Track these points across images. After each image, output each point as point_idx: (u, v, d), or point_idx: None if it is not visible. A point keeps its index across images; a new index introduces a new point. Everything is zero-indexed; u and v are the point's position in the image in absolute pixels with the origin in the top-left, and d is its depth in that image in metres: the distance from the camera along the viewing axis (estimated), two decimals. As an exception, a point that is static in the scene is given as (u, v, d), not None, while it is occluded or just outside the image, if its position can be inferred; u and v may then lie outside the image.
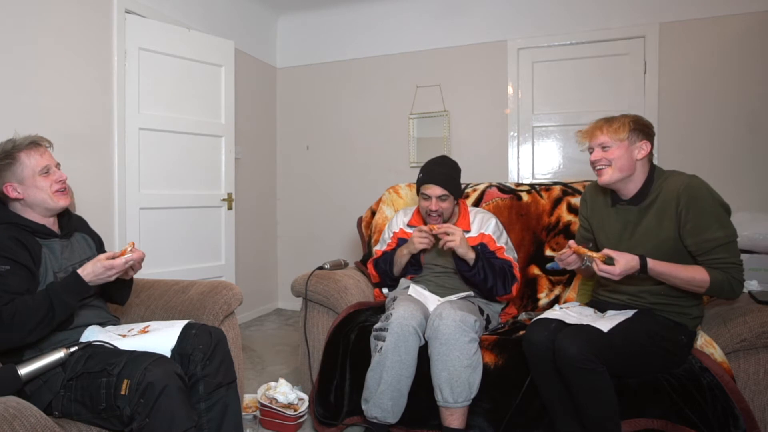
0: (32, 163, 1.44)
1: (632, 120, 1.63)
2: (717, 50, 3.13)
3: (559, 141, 3.53)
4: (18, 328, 1.27)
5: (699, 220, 1.51)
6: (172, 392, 1.23)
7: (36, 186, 1.44)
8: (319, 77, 4.18)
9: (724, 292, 1.52)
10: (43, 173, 1.46)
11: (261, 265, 4.15)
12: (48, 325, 1.33)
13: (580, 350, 1.43)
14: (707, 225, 1.51)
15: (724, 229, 1.50)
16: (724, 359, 1.56)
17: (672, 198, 1.57)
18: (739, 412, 1.46)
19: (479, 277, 1.94)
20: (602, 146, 1.64)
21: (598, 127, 1.65)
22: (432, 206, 2.02)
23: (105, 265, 1.37)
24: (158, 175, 2.94)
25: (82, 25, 2.56)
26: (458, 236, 1.89)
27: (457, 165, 2.13)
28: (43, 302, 1.31)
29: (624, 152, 1.61)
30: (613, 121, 1.64)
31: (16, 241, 1.38)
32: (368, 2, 3.92)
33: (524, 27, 3.54)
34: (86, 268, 1.37)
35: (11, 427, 1.00)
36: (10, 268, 1.33)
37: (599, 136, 1.64)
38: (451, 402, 1.68)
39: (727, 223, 1.52)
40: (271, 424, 2.02)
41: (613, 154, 1.61)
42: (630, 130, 1.61)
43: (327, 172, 4.17)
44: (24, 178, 1.43)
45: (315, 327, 2.18)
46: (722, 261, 1.50)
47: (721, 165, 3.10)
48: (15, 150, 1.44)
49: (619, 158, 1.61)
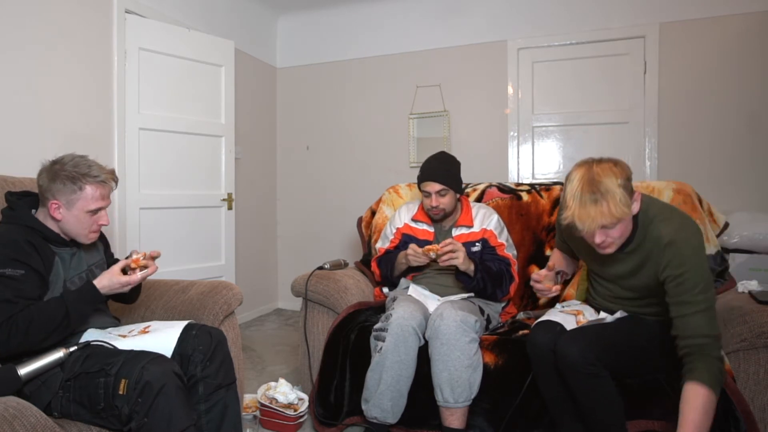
0: (91, 200, 1.43)
1: (624, 180, 1.37)
2: (717, 50, 3.13)
3: (559, 141, 3.53)
4: (34, 335, 1.27)
5: (681, 279, 1.38)
6: (169, 391, 1.22)
7: (78, 219, 1.43)
8: (319, 77, 4.18)
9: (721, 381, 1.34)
10: (92, 213, 1.45)
11: (261, 265, 4.15)
12: (62, 334, 1.33)
13: (582, 354, 1.42)
14: (689, 287, 1.37)
15: (705, 293, 1.36)
16: (724, 359, 1.56)
17: (654, 250, 1.45)
18: (739, 413, 1.45)
19: (479, 287, 1.96)
20: (606, 227, 1.40)
21: (599, 213, 1.35)
22: (432, 202, 2.03)
23: (121, 282, 1.39)
24: (158, 175, 2.94)
25: (82, 25, 2.56)
26: (461, 254, 1.89)
27: (455, 159, 2.14)
28: (58, 310, 1.31)
29: (627, 222, 1.42)
30: (609, 196, 1.34)
31: (31, 246, 1.37)
32: (368, 2, 3.92)
33: (524, 27, 3.54)
34: (102, 280, 1.38)
35: (11, 427, 1.00)
36: (24, 272, 1.32)
37: (605, 220, 1.36)
38: (451, 402, 1.68)
39: (708, 286, 1.37)
40: (271, 424, 2.02)
41: (619, 231, 1.41)
42: (627, 198, 1.37)
43: (327, 172, 4.17)
44: (74, 207, 1.42)
45: (315, 327, 2.18)
46: (699, 334, 1.34)
47: (721, 165, 3.09)
48: (86, 178, 1.42)
49: (626, 228, 1.44)
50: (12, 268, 1.30)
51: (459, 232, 2.10)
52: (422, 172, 2.07)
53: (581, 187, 1.37)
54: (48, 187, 1.41)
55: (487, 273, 1.96)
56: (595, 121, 3.40)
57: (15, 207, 1.45)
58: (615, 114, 3.35)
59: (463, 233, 2.09)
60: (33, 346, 1.29)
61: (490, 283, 1.96)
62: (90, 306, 1.39)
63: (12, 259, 1.31)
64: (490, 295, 2.00)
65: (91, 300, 1.38)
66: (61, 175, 1.40)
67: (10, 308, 1.26)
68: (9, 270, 1.30)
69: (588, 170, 1.39)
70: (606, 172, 1.37)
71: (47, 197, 1.42)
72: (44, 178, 1.42)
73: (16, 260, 1.32)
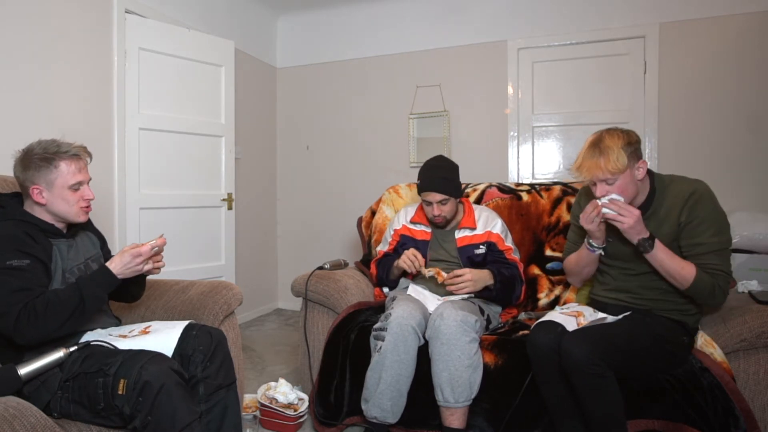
0: (69, 175, 1.44)
1: (625, 144, 1.54)
2: (717, 50, 3.13)
3: (559, 141, 3.53)
4: (52, 320, 1.28)
5: (697, 223, 1.53)
6: (170, 389, 1.23)
7: (63, 198, 1.44)
8: (319, 77, 4.18)
9: (704, 295, 1.53)
10: (74, 188, 1.46)
11: (261, 265, 4.15)
12: (78, 319, 1.34)
13: (587, 354, 1.42)
14: (704, 229, 1.52)
15: (719, 236, 1.51)
16: (724, 359, 1.57)
17: (676, 205, 1.57)
18: (739, 413, 1.46)
19: (498, 296, 1.99)
20: (605, 182, 1.57)
21: (596, 165, 1.54)
22: (434, 211, 2.04)
23: (132, 254, 1.39)
24: (158, 175, 2.94)
25: (82, 25, 2.56)
26: (470, 282, 1.89)
27: (454, 164, 2.13)
28: (73, 294, 1.32)
29: (629, 180, 1.55)
30: (608, 152, 1.52)
31: (30, 237, 1.38)
32: (368, 2, 3.92)
33: (524, 27, 3.54)
34: (114, 261, 1.40)
35: (11, 427, 1.00)
36: (30, 262, 1.34)
37: (600, 173, 1.55)
38: (451, 402, 1.68)
39: (724, 231, 1.52)
40: (271, 424, 2.02)
41: (618, 188, 1.55)
42: (627, 156, 1.53)
43: (327, 172, 4.17)
44: (54, 186, 1.43)
45: (315, 327, 2.18)
46: (711, 266, 1.51)
47: (721, 165, 3.10)
48: (57, 156, 1.43)
49: (625, 188, 1.56)
50: (18, 259, 1.31)
51: (462, 234, 2.10)
52: (421, 181, 2.06)
53: (589, 143, 1.59)
54: (25, 176, 1.43)
55: (503, 282, 1.98)
56: (595, 121, 3.39)
57: (6, 205, 1.46)
58: (615, 114, 3.35)
59: (466, 235, 2.09)
60: (50, 333, 1.29)
61: (507, 290, 1.99)
62: (104, 289, 1.39)
63: (16, 250, 1.32)
64: (506, 301, 2.03)
65: (105, 283, 1.38)
66: (33, 160, 1.42)
67: (24, 296, 1.27)
68: (15, 261, 1.31)
69: (599, 133, 1.60)
70: (611, 135, 1.57)
71: (27, 185, 1.43)
72: (18, 168, 1.44)
73: (19, 251, 1.33)
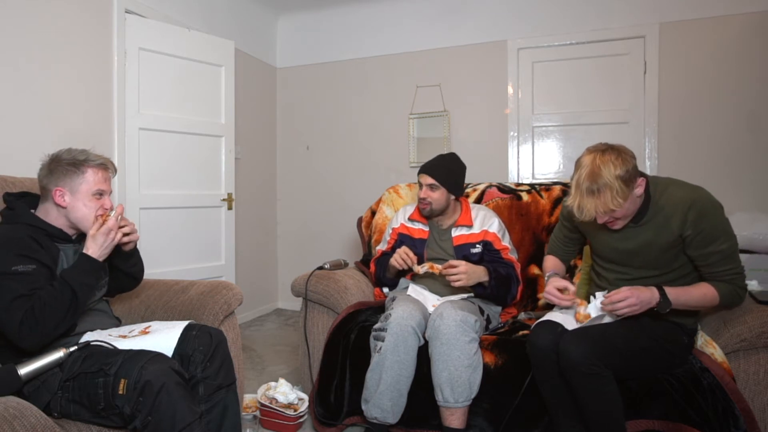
0: (94, 183, 1.46)
1: (622, 172, 1.43)
2: (717, 50, 3.13)
3: (559, 141, 3.53)
4: (50, 321, 1.28)
5: (704, 235, 1.50)
6: (170, 389, 1.23)
7: (84, 204, 1.46)
8: (319, 77, 4.18)
9: (732, 302, 1.56)
10: (96, 195, 1.47)
11: (261, 265, 4.15)
12: (75, 312, 1.34)
13: (585, 354, 1.42)
14: (714, 238, 1.50)
15: (728, 241, 1.51)
16: (724, 359, 1.57)
17: (675, 214, 1.53)
18: (739, 413, 1.46)
19: (493, 294, 1.98)
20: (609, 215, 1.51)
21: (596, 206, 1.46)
22: (421, 194, 2.06)
23: (102, 232, 1.41)
24: (158, 175, 2.94)
25: (82, 25, 2.56)
26: (464, 275, 1.88)
27: (462, 164, 2.14)
28: (63, 289, 1.32)
29: (630, 203, 1.49)
30: (606, 190, 1.43)
31: (35, 242, 1.38)
32: (368, 2, 3.92)
33: (524, 27, 3.54)
34: (89, 247, 1.41)
35: (11, 427, 1.00)
36: (35, 267, 1.33)
37: (602, 213, 1.48)
38: (451, 402, 1.68)
39: (730, 235, 1.52)
40: (271, 424, 2.02)
41: (621, 212, 1.50)
42: (626, 183, 1.44)
43: (327, 172, 4.17)
44: (78, 192, 1.45)
45: (315, 327, 2.18)
46: (727, 272, 1.52)
47: (721, 165, 3.10)
48: (85, 163, 1.46)
49: (627, 211, 1.52)
50: (23, 264, 1.31)
51: (459, 232, 2.10)
52: (424, 164, 2.11)
53: (584, 176, 1.47)
54: (49, 179, 1.45)
55: (498, 280, 1.97)
56: (595, 121, 3.40)
57: (14, 207, 1.46)
58: (615, 114, 3.36)
59: (463, 233, 2.09)
60: (50, 333, 1.30)
61: (502, 288, 1.98)
62: (91, 276, 1.39)
63: (21, 255, 1.32)
64: (501, 300, 2.02)
65: (90, 269, 1.39)
66: (62, 163, 1.45)
67: (27, 302, 1.27)
68: (21, 266, 1.30)
69: (593, 161, 1.47)
70: (606, 163, 1.45)
71: (50, 188, 1.44)
72: (44, 171, 1.46)
73: (25, 256, 1.33)
